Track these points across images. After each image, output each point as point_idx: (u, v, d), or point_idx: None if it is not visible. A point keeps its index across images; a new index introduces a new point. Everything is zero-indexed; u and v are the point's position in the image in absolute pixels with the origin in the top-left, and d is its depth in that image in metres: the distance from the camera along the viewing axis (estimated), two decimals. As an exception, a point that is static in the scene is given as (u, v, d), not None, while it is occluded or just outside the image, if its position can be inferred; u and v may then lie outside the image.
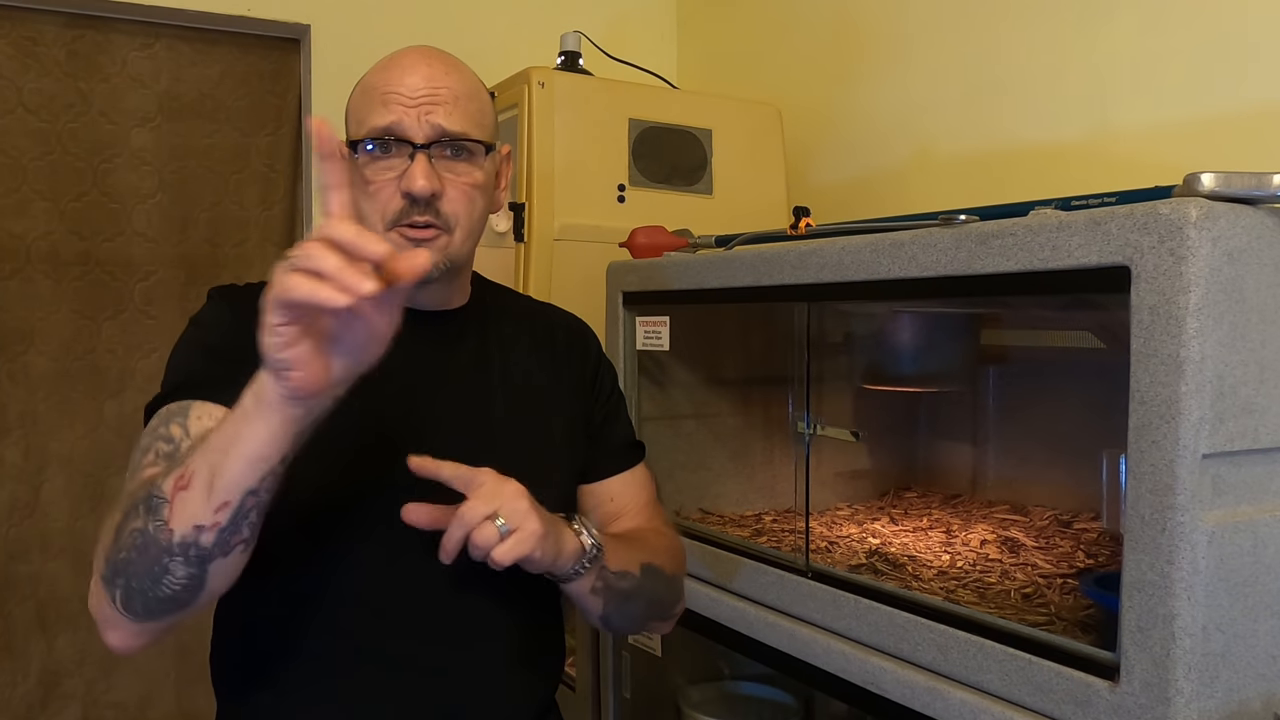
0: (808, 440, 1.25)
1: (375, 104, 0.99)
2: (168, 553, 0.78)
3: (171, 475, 0.78)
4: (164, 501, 0.77)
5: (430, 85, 0.99)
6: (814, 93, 2.06)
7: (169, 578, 0.79)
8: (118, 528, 0.81)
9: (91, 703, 2.14)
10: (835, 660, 1.10)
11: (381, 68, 1.02)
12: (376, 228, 0.99)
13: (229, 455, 0.76)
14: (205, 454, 0.78)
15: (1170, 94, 1.40)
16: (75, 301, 2.11)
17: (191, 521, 0.77)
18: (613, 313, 1.52)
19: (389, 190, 0.98)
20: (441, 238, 1.00)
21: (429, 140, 0.98)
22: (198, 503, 0.77)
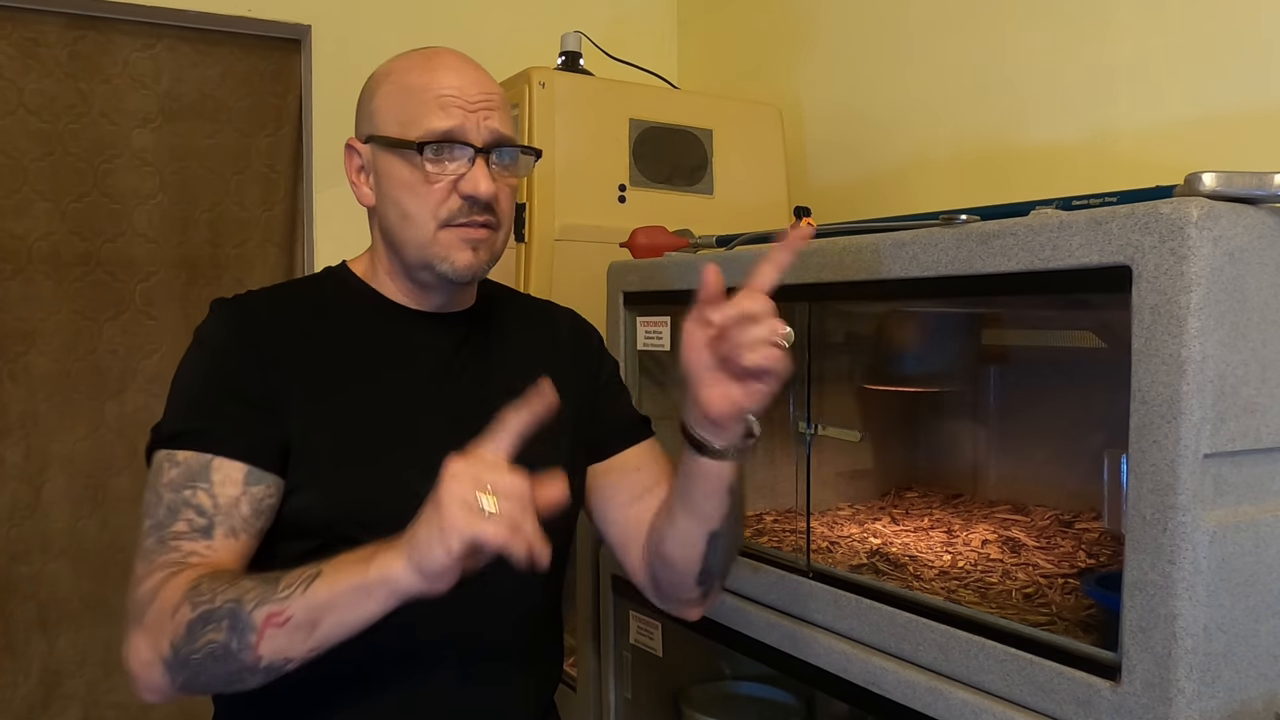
0: (809, 440, 1.25)
1: (430, 106, 0.99)
2: (250, 670, 0.82)
3: (265, 607, 0.81)
4: (253, 629, 0.80)
5: (483, 90, 1.01)
6: (815, 93, 2.06)
7: (243, 684, 0.84)
8: (189, 625, 0.82)
9: (93, 703, 2.14)
10: (836, 660, 1.10)
11: (424, 69, 1.01)
12: (426, 225, 1.00)
13: (338, 620, 0.80)
14: (309, 604, 0.80)
15: (1171, 94, 1.40)
16: (76, 302, 2.12)
17: (283, 654, 0.81)
18: (613, 313, 1.52)
19: (444, 190, 0.99)
20: (491, 236, 1.02)
21: (487, 144, 1.00)
22: (294, 643, 0.81)
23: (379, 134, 1.02)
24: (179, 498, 0.91)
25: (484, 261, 1.02)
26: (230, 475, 0.92)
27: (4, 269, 2.05)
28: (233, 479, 0.92)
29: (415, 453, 1.00)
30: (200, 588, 0.84)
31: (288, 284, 1.14)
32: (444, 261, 1.00)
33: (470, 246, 1.00)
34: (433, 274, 1.02)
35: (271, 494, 0.94)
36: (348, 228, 2.15)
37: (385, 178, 1.02)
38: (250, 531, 0.92)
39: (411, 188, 1.00)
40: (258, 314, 1.02)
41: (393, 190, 1.01)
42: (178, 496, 0.91)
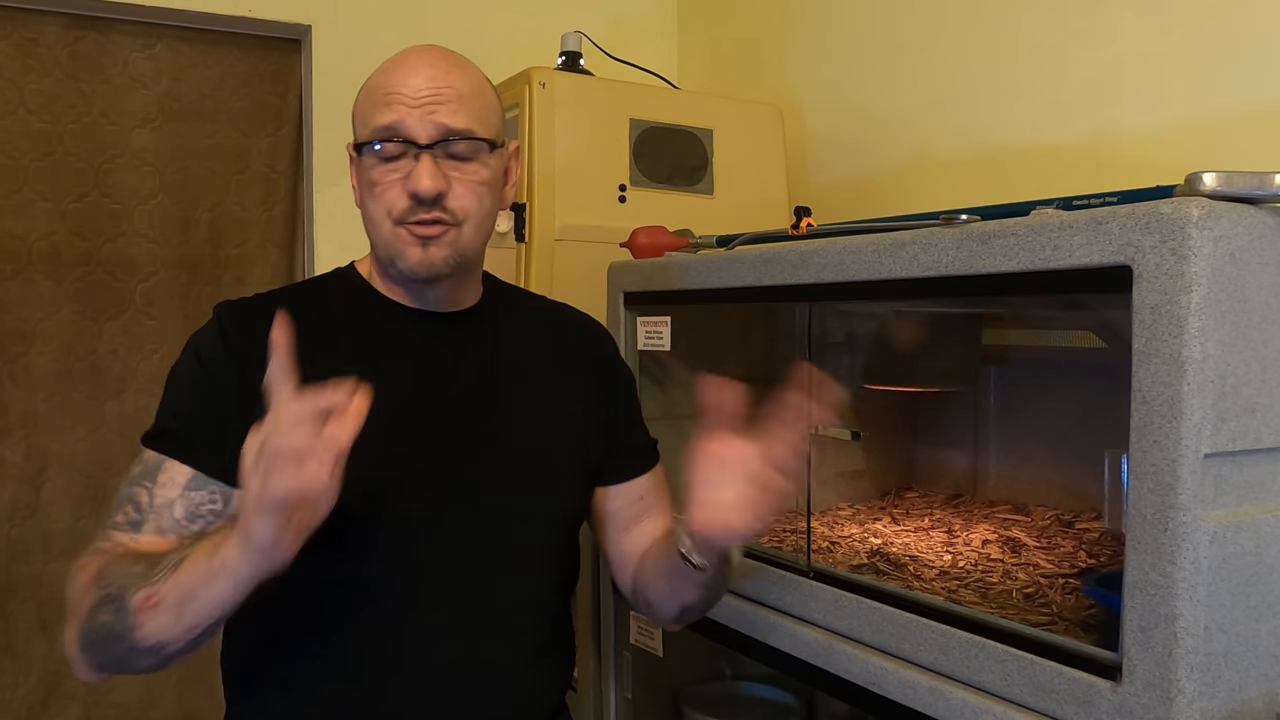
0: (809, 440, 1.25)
1: (379, 105, 0.99)
2: (133, 650, 0.84)
3: (141, 591, 0.83)
4: (131, 612, 0.83)
5: (433, 85, 0.99)
6: (815, 93, 2.06)
7: (136, 663, 0.86)
8: (91, 607, 0.86)
9: (93, 703, 2.14)
10: (837, 660, 1.09)
11: (385, 69, 1.02)
12: (383, 226, 1.00)
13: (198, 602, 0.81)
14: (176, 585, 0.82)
15: (1172, 93, 1.40)
16: (76, 302, 2.12)
17: (158, 636, 0.83)
18: (614, 313, 1.52)
19: (395, 190, 0.99)
20: (450, 232, 1.00)
21: (433, 140, 0.98)
22: (166, 624, 0.82)
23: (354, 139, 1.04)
24: (128, 492, 0.95)
25: (440, 259, 1.00)
26: (174, 478, 0.94)
27: (4, 269, 2.05)
28: (175, 481, 0.94)
29: (416, 452, 1.01)
30: (106, 571, 0.87)
31: (295, 286, 1.15)
32: (399, 258, 1.00)
33: (419, 243, 0.99)
34: (396, 270, 1.02)
35: (214, 500, 0.95)
36: (348, 228, 2.14)
37: (357, 179, 1.04)
38: (180, 532, 0.93)
39: (369, 188, 1.00)
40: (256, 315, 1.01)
41: (360, 190, 1.03)
42: (127, 491, 0.95)
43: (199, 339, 1.02)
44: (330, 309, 1.06)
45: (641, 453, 1.19)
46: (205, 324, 1.02)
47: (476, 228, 1.03)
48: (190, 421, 0.97)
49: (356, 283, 1.09)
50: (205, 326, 1.02)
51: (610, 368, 1.21)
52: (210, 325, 1.02)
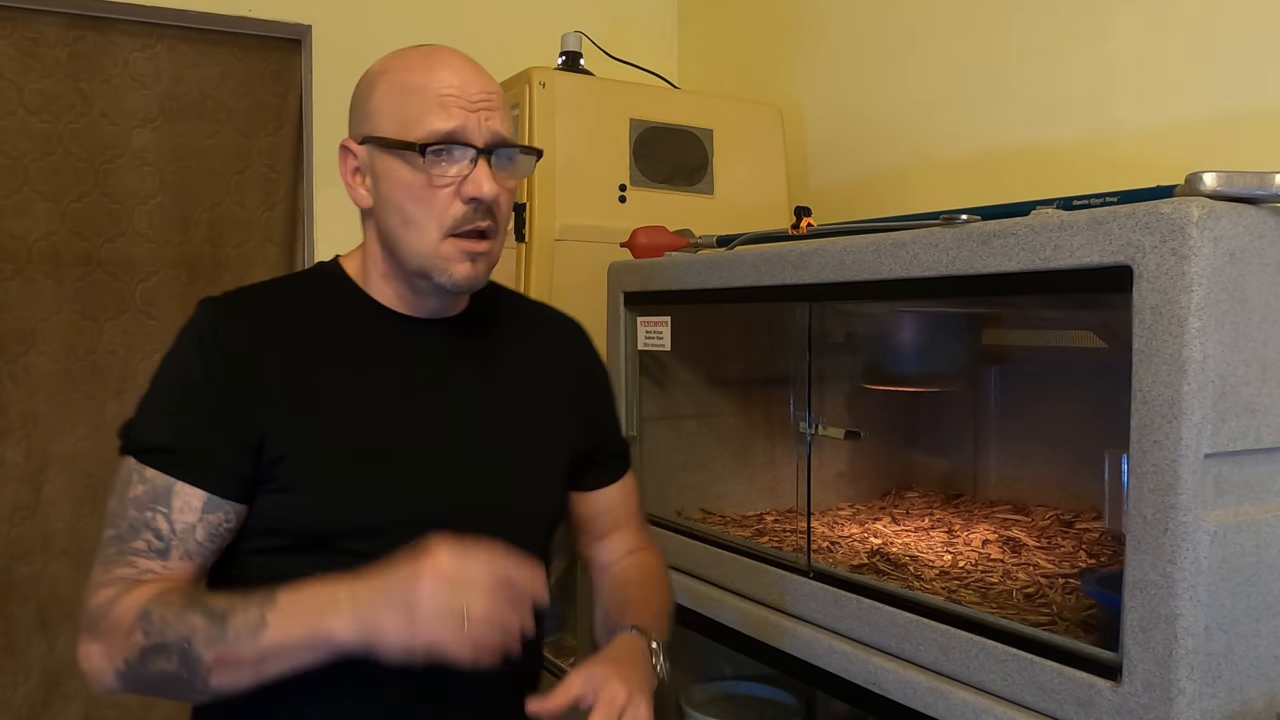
0: (809, 440, 1.25)
1: (431, 106, 0.96)
2: (200, 693, 0.87)
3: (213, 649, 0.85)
4: (203, 665, 0.85)
5: (483, 90, 0.98)
6: (815, 93, 2.06)
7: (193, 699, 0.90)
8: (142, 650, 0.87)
9: (94, 703, 2.15)
10: (837, 660, 1.09)
11: (424, 68, 0.99)
12: (430, 233, 0.98)
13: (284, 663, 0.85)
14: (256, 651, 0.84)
15: (1172, 93, 1.40)
16: (77, 302, 2.12)
17: (233, 684, 0.86)
18: (614, 313, 1.52)
19: (447, 195, 0.97)
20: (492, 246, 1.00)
21: (489, 145, 0.97)
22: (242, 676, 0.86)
23: (377, 134, 0.99)
24: (141, 517, 0.94)
25: (482, 273, 1.01)
26: (189, 502, 0.94)
27: (4, 269, 2.05)
28: (191, 506, 0.94)
29: (408, 463, 1.00)
30: (152, 616, 0.87)
31: (280, 281, 1.11)
32: (443, 274, 0.98)
33: (469, 259, 0.98)
34: (430, 283, 1.00)
35: (228, 519, 0.96)
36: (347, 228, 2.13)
37: (385, 180, 0.99)
38: (204, 554, 0.95)
39: (414, 191, 0.97)
40: (245, 317, 1.00)
41: (394, 193, 0.99)
42: (140, 516, 0.94)
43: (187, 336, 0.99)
44: (321, 310, 1.04)
45: (612, 460, 1.19)
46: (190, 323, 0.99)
47: (502, 239, 1.03)
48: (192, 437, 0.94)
49: (345, 283, 1.06)
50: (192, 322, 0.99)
51: (590, 369, 1.21)
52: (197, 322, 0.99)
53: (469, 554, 0.82)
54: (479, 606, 0.80)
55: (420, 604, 0.80)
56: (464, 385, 1.06)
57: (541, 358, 1.14)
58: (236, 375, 0.96)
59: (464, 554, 0.82)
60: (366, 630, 0.81)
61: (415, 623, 0.80)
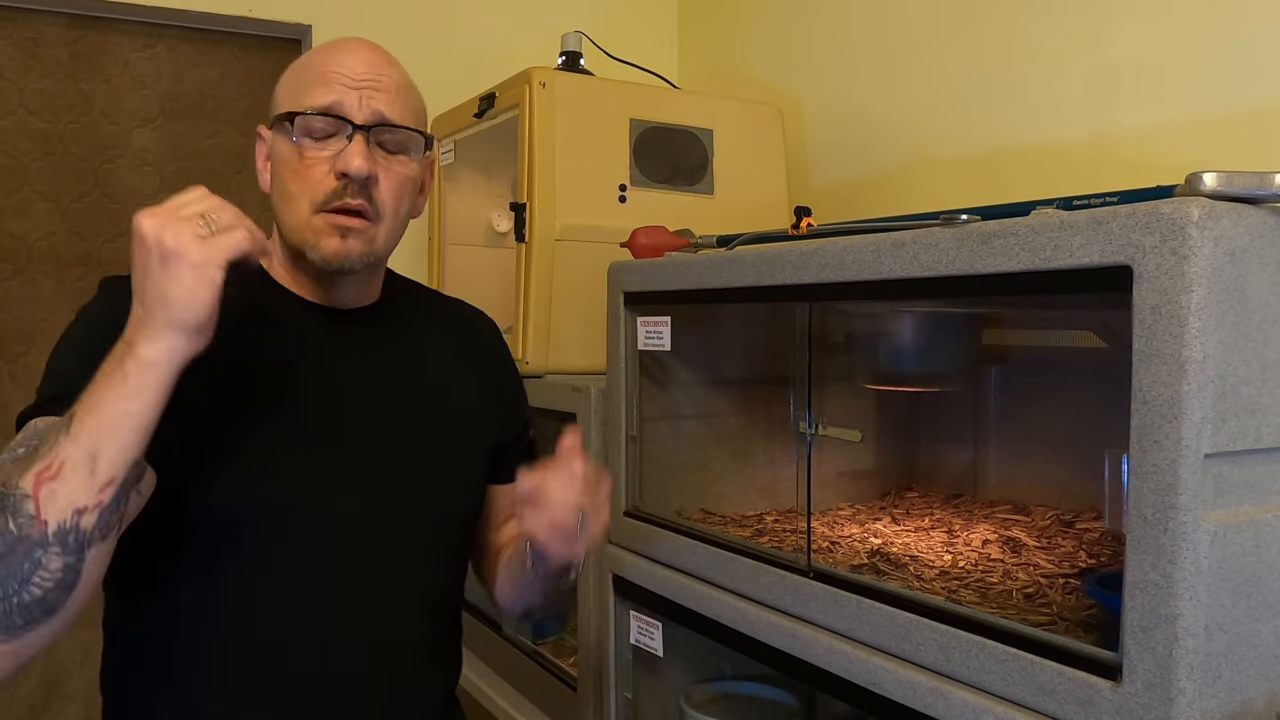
0: (809, 440, 1.25)
1: (315, 82, 0.96)
2: (41, 546, 0.75)
3: (30, 471, 0.75)
4: (26, 497, 0.74)
5: (373, 71, 0.97)
6: (815, 92, 2.06)
7: (42, 573, 0.75)
8: None
9: (93, 703, 2.14)
10: (837, 660, 1.09)
11: (321, 50, 1.00)
12: (303, 211, 0.96)
13: (116, 433, 0.75)
14: (77, 438, 0.75)
15: (1172, 93, 1.40)
16: (77, 302, 2.09)
17: (71, 506, 0.75)
18: (614, 313, 1.52)
19: (321, 170, 0.95)
20: (370, 229, 0.97)
21: (368, 123, 0.96)
22: (78, 486, 0.75)
23: (274, 114, 1.00)
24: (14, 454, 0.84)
25: (355, 251, 0.97)
26: None
27: (4, 269, 2.05)
28: None
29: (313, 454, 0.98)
30: None
31: None
32: (313, 248, 0.96)
33: (338, 233, 0.96)
34: (305, 260, 0.98)
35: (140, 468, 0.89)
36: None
37: (274, 158, 0.99)
38: None
39: (291, 165, 0.96)
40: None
41: (277, 169, 0.99)
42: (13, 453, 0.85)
43: (90, 310, 0.97)
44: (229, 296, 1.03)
45: (525, 453, 1.19)
46: (93, 298, 0.99)
47: (392, 229, 1.00)
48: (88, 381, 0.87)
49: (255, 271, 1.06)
50: (93, 299, 0.99)
51: (504, 364, 1.21)
52: (99, 299, 0.98)
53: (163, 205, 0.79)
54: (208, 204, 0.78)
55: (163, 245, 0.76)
56: (379, 376, 1.04)
57: (458, 351, 1.14)
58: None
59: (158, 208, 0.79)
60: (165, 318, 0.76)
61: (177, 263, 0.76)
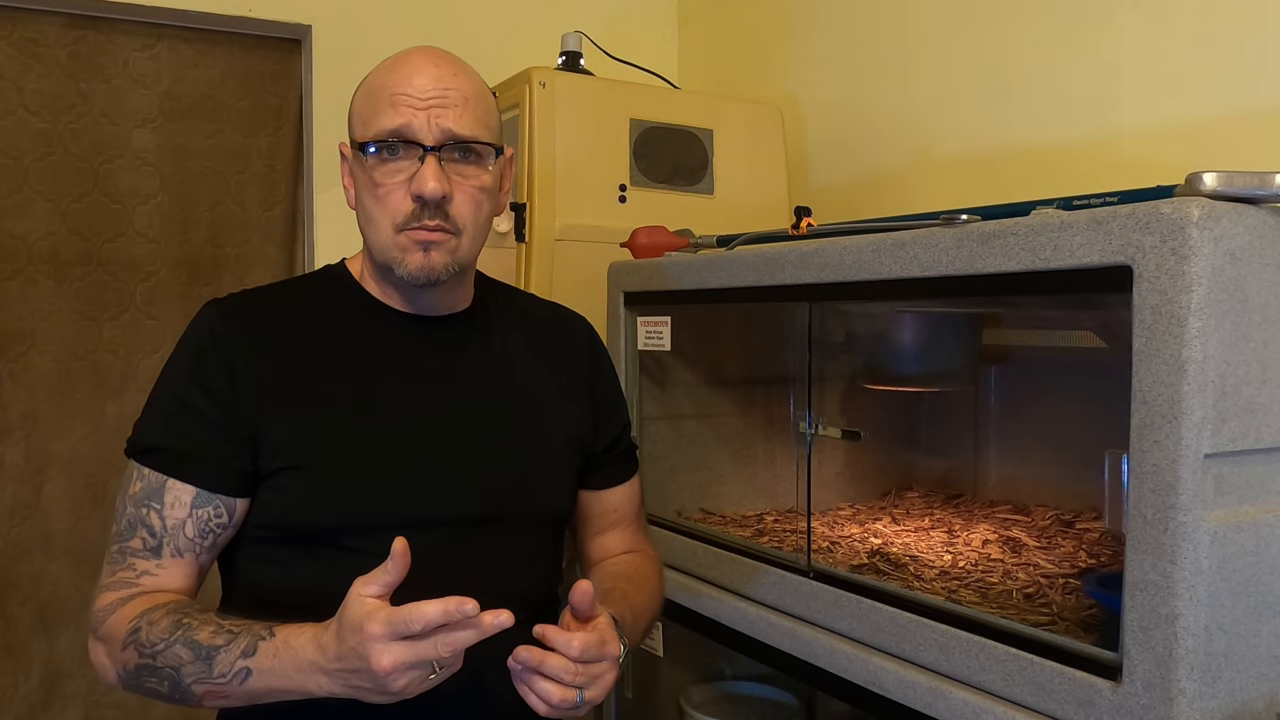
0: (809, 440, 1.25)
1: (383, 105, 0.98)
2: (195, 707, 0.91)
3: (202, 685, 0.87)
4: (194, 696, 0.88)
5: (439, 86, 0.98)
6: (815, 92, 2.06)
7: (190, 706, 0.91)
8: (137, 667, 0.90)
9: (93, 703, 2.14)
10: (837, 660, 1.09)
11: (387, 68, 1.01)
12: (386, 231, 0.99)
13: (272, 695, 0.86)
14: (248, 693, 0.86)
15: (1172, 93, 1.40)
16: (77, 302, 2.12)
17: (222, 704, 0.90)
18: (614, 313, 1.52)
19: (399, 193, 0.98)
20: (450, 240, 1.00)
21: (439, 143, 0.97)
22: (235, 704, 0.89)
23: (351, 137, 1.03)
24: (138, 514, 0.97)
25: (440, 265, 0.99)
26: (180, 498, 0.96)
27: (4, 269, 2.05)
28: (181, 501, 0.96)
29: (406, 463, 1.00)
30: (141, 637, 0.90)
31: (285, 283, 1.13)
32: (399, 265, 0.99)
33: (421, 248, 0.98)
34: (394, 276, 1.01)
35: (220, 514, 0.97)
36: (348, 228, 2.13)
37: (355, 180, 1.03)
38: (195, 550, 0.97)
39: (369, 190, 0.99)
40: (243, 317, 1.02)
41: (359, 192, 1.02)
42: (137, 513, 0.97)
43: (189, 336, 1.01)
44: (323, 311, 1.06)
45: (620, 460, 1.20)
46: (193, 325, 1.01)
47: (474, 236, 1.02)
48: (185, 435, 0.97)
49: (348, 284, 1.08)
50: (195, 323, 1.01)
51: (598, 367, 1.20)
52: (200, 322, 1.01)
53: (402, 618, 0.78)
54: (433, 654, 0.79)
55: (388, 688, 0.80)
56: (468, 383, 1.07)
57: (552, 357, 1.15)
58: (230, 372, 0.97)
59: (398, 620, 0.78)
60: (346, 693, 0.83)
61: (389, 692, 0.81)
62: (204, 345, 0.99)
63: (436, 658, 0.79)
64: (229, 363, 0.98)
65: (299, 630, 0.85)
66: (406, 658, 0.78)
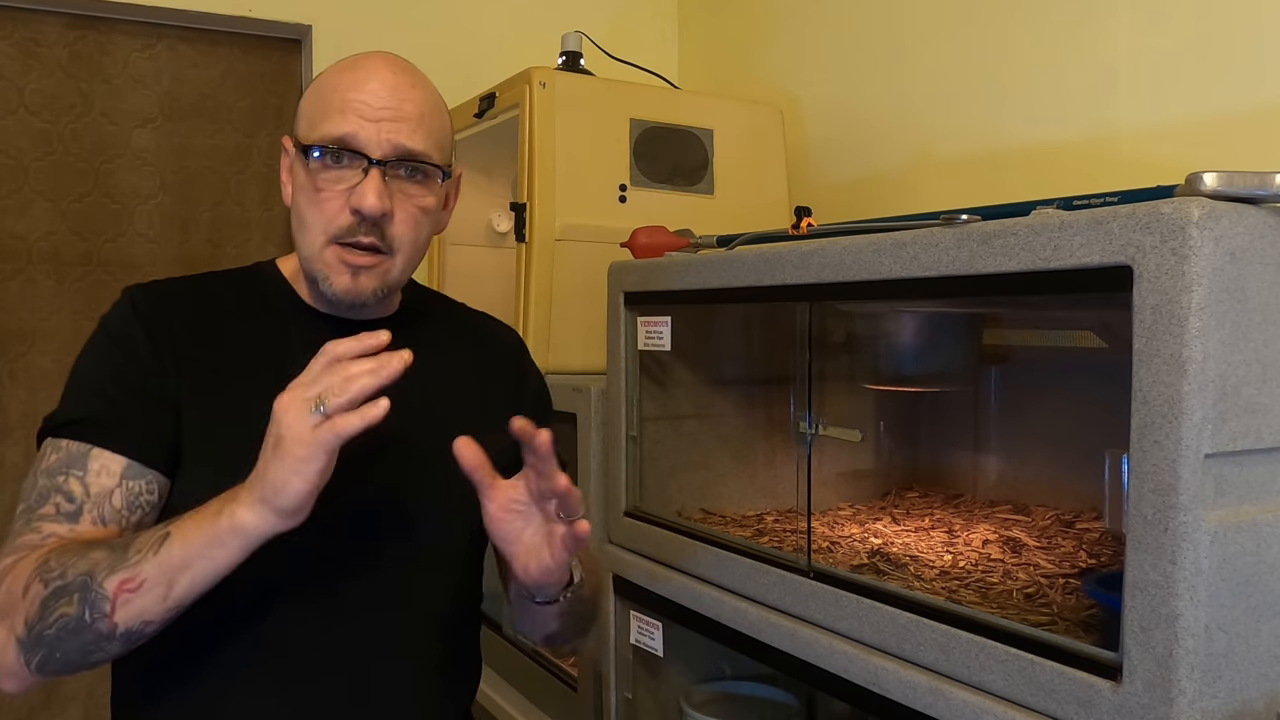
0: (809, 440, 1.25)
1: (332, 109, 0.94)
2: (107, 638, 0.81)
3: (115, 575, 0.80)
4: (106, 598, 0.80)
5: (395, 97, 0.94)
6: (816, 92, 2.06)
7: (101, 654, 0.83)
8: (42, 602, 0.82)
9: (93, 704, 2.14)
10: (837, 660, 1.09)
11: (343, 69, 0.97)
12: (317, 240, 0.95)
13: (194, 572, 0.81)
14: (163, 566, 0.80)
15: (1172, 93, 1.40)
16: (77, 302, 2.12)
17: (140, 617, 0.81)
18: (614, 313, 1.52)
19: (337, 203, 0.94)
20: (383, 263, 0.96)
21: (385, 157, 0.93)
22: (150, 604, 0.81)
23: (295, 134, 0.98)
24: (52, 483, 0.89)
25: (368, 289, 0.96)
26: (108, 466, 0.90)
27: (4, 269, 2.05)
28: (110, 470, 0.90)
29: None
30: (49, 563, 0.83)
31: (210, 275, 1.09)
32: (325, 281, 0.96)
33: (349, 271, 0.95)
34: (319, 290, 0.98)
35: (150, 490, 0.92)
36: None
37: (295, 180, 0.99)
38: (120, 523, 0.90)
39: (306, 194, 0.95)
40: (168, 304, 0.98)
41: (295, 193, 0.98)
42: (51, 482, 0.90)
43: (109, 318, 0.97)
44: (242, 303, 1.02)
45: None
46: (114, 307, 0.98)
47: (409, 258, 0.99)
48: (114, 406, 0.92)
49: (275, 280, 1.05)
50: (114, 307, 0.98)
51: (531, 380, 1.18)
52: (119, 306, 0.98)
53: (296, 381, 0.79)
54: (322, 384, 0.77)
55: (278, 427, 0.77)
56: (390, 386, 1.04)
57: (478, 364, 1.12)
58: (155, 347, 0.94)
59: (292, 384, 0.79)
60: (260, 494, 0.78)
61: (284, 446, 0.77)
62: (128, 322, 0.95)
63: (326, 386, 0.77)
64: (154, 340, 0.95)
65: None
66: (296, 391, 0.78)
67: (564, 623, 1.04)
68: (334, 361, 0.79)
